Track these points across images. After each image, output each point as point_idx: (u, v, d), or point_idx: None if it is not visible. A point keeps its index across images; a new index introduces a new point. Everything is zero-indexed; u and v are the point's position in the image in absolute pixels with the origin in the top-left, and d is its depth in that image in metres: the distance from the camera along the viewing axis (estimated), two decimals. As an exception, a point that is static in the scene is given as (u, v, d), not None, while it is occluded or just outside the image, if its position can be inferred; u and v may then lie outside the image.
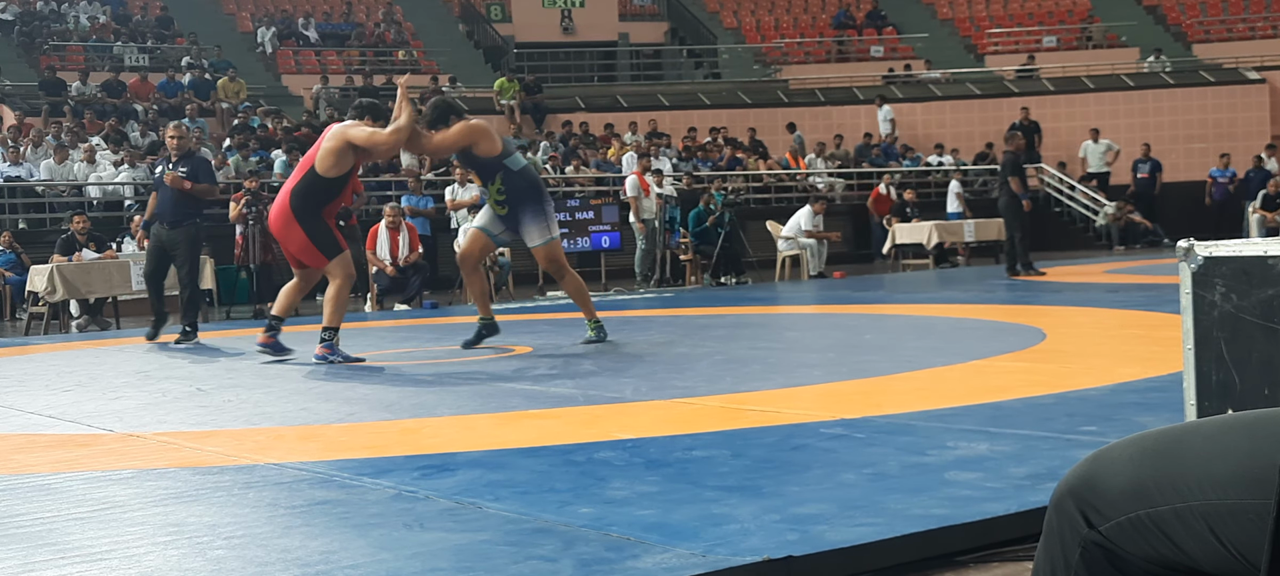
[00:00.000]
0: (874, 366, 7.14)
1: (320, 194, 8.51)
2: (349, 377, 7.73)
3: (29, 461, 5.12)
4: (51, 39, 26.78)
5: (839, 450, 4.55)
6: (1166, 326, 8.01)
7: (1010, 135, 16.18)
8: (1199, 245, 3.42)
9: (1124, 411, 5.17)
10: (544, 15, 31.19)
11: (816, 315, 12.00)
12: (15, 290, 15.47)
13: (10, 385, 8.12)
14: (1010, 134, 16.25)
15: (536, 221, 8.82)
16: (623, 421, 5.55)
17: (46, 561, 3.39)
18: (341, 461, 4.75)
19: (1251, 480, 1.35)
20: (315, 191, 8.50)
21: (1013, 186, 15.35)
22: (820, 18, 32.12)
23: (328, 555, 3.33)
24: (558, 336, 9.89)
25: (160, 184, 10.94)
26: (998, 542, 3.40)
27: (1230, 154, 25.25)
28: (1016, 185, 15.32)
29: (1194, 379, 3.40)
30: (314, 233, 8.53)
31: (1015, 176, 15.39)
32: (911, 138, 27.06)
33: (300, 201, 8.51)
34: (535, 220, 8.82)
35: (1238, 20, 30.07)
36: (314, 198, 8.51)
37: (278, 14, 29.64)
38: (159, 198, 11.03)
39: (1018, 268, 15.42)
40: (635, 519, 3.57)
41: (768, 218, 20.77)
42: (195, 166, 10.96)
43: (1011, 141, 16.20)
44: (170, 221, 10.87)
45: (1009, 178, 15.48)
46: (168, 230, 10.91)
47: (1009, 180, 15.46)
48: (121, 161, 19.65)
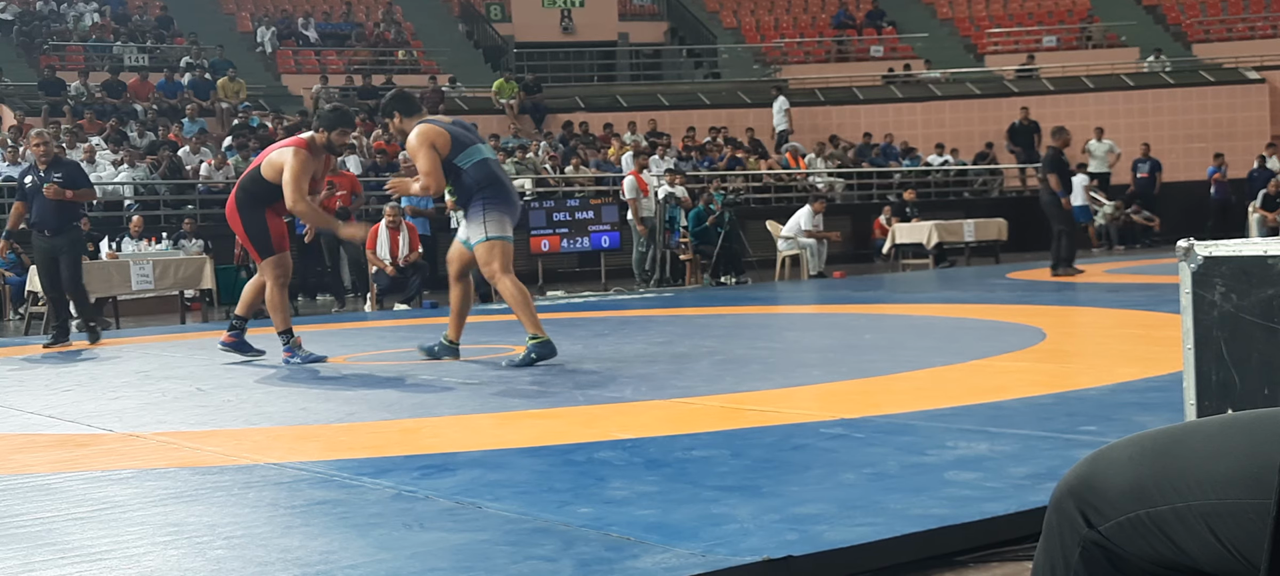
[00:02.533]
0: (874, 366, 7.14)
1: (262, 192, 8.56)
2: (349, 378, 7.73)
3: (29, 461, 5.12)
4: (51, 39, 26.77)
5: (839, 450, 4.55)
6: (1166, 326, 8.01)
7: (1057, 132, 15.97)
8: (1199, 245, 3.42)
9: (1124, 411, 5.17)
10: (544, 15, 31.19)
11: (816, 315, 11.99)
12: (15, 290, 15.47)
13: (10, 385, 8.12)
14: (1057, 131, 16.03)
15: (473, 218, 8.04)
16: (622, 421, 5.55)
17: (46, 561, 3.39)
18: (341, 461, 4.75)
19: (1251, 480, 1.35)
20: (258, 188, 8.57)
21: (1052, 183, 15.16)
22: (820, 17, 32.12)
23: (328, 555, 3.33)
24: (557, 336, 9.87)
25: (31, 194, 10.98)
26: (997, 542, 3.40)
27: (1229, 154, 25.23)
28: (1055, 182, 15.14)
29: (1194, 379, 3.40)
30: (250, 227, 8.61)
31: (1053, 173, 15.23)
32: (912, 138, 27.06)
33: (244, 195, 8.61)
34: (472, 217, 8.04)
35: (1238, 20, 30.07)
36: (256, 194, 8.57)
37: (277, 14, 29.64)
38: (35, 207, 11.00)
39: (1059, 268, 15.12)
40: (635, 519, 3.57)
41: (767, 217, 20.77)
42: (68, 172, 11.08)
43: (1058, 137, 15.81)
44: (53, 229, 10.98)
45: (1048, 175, 15.26)
46: (50, 237, 11.04)
47: (1048, 177, 15.27)
48: (121, 161, 19.65)
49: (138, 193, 19.23)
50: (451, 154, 8.04)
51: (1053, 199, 15.25)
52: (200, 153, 20.37)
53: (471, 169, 8.03)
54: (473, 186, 8.01)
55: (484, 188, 8.02)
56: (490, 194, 8.03)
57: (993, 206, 23.48)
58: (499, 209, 8.05)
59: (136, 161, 19.68)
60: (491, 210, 8.02)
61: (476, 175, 8.04)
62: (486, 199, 8.01)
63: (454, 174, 8.03)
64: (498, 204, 8.05)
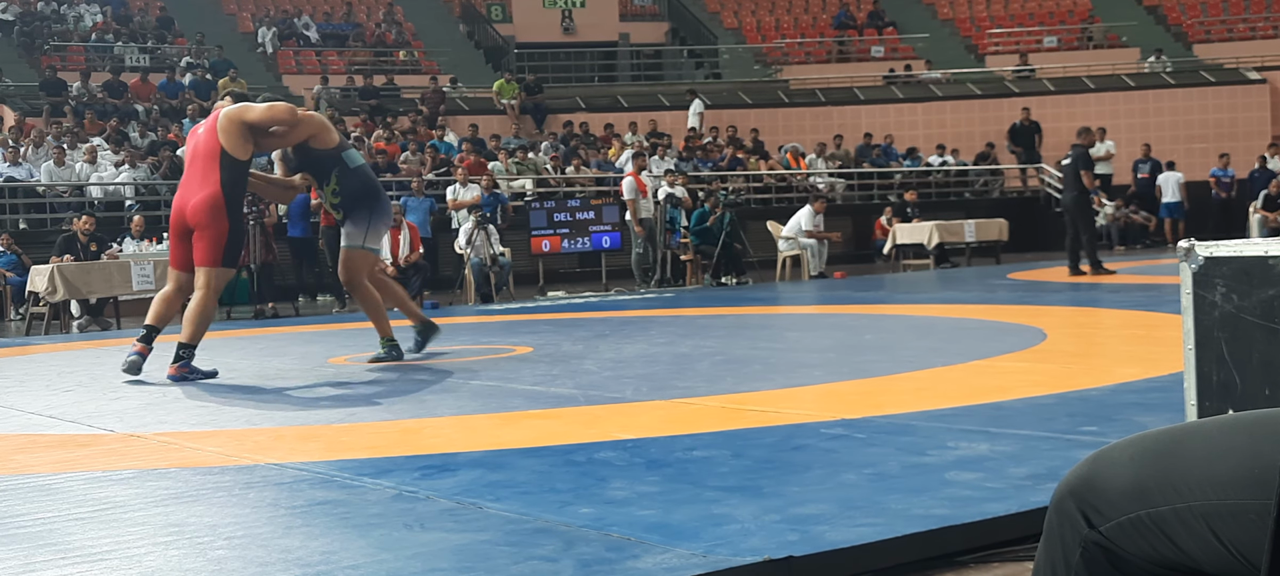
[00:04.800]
0: (874, 366, 7.14)
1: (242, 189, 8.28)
2: (349, 378, 7.73)
3: (30, 461, 5.12)
4: (52, 39, 26.78)
5: (839, 450, 4.55)
6: (1167, 326, 8.01)
7: (1082, 131, 15.90)
8: (1200, 245, 3.42)
9: (1124, 411, 5.17)
10: (544, 15, 31.19)
11: (817, 315, 11.99)
12: (16, 291, 15.48)
13: (11, 385, 8.12)
14: (1082, 130, 15.97)
15: (359, 224, 8.24)
16: (623, 421, 5.55)
17: (47, 561, 3.39)
18: (342, 461, 4.75)
19: (1252, 481, 1.35)
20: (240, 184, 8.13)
21: (1085, 181, 15.06)
22: (821, 18, 32.12)
23: (328, 555, 3.33)
24: (558, 336, 9.89)
25: None
26: (998, 543, 3.40)
27: (1230, 154, 25.23)
28: (1088, 180, 15.03)
29: (1195, 379, 3.40)
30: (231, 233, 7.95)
31: (1087, 170, 15.14)
32: (913, 138, 27.06)
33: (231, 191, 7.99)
34: (358, 223, 8.24)
35: (1238, 20, 30.06)
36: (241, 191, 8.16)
37: (278, 14, 29.65)
38: None
39: (1082, 267, 14.95)
40: (636, 519, 3.57)
41: (768, 218, 20.76)
42: None
43: (1084, 137, 15.72)
44: None
45: (1080, 172, 15.08)
46: None
47: (1080, 174, 15.07)
48: (123, 162, 19.66)
49: (138, 193, 19.23)
50: (337, 148, 8.26)
51: (1081, 198, 15.12)
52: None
53: (356, 171, 8.25)
54: (361, 189, 8.25)
55: (374, 193, 8.37)
56: (378, 201, 8.36)
57: (993, 207, 23.48)
58: (381, 220, 8.39)
59: (138, 162, 19.68)
60: (378, 221, 8.35)
61: (363, 178, 8.30)
62: (375, 206, 8.31)
63: (340, 171, 8.19)
64: (381, 214, 8.38)
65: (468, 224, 16.11)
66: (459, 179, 18.43)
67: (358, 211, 8.23)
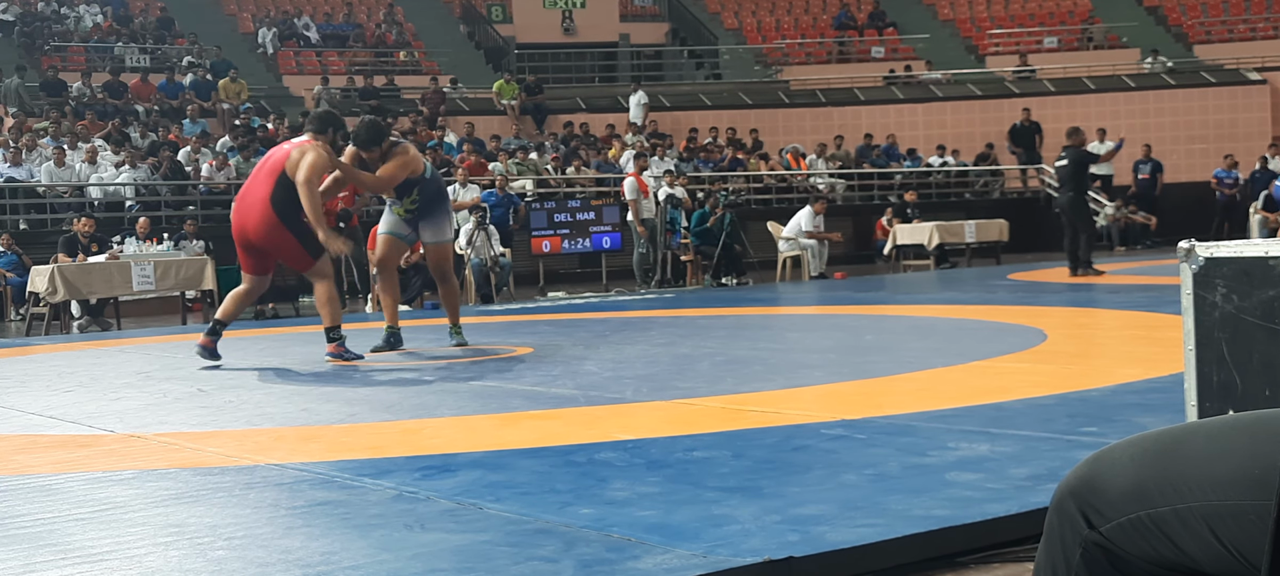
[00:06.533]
0: (875, 367, 7.14)
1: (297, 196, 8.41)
2: (349, 378, 7.73)
3: (30, 462, 5.12)
4: (52, 40, 26.78)
5: (840, 451, 4.55)
6: (1167, 327, 8.01)
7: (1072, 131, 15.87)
8: (1200, 246, 3.42)
9: (1125, 412, 5.17)
10: (545, 16, 31.18)
11: (817, 316, 11.99)
12: (16, 291, 15.48)
13: (11, 386, 8.12)
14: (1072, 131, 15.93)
15: (439, 221, 9.09)
16: (623, 422, 5.55)
17: (48, 562, 3.39)
18: (342, 462, 4.75)
19: (1252, 481, 1.35)
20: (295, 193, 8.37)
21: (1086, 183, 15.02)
22: (821, 18, 32.12)
23: (329, 556, 3.33)
24: (558, 336, 9.89)
25: None
26: (999, 543, 3.40)
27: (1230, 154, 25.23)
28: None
29: (1195, 380, 3.40)
30: (303, 235, 8.46)
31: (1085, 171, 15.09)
32: (913, 139, 27.06)
33: (283, 206, 8.40)
34: (438, 221, 9.08)
35: (1238, 21, 30.06)
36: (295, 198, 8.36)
37: (278, 15, 29.64)
38: None
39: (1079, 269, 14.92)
40: (636, 519, 3.58)
41: (768, 218, 20.76)
42: None
43: (1074, 138, 15.57)
44: None
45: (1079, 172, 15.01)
46: None
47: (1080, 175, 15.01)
48: (123, 162, 19.66)
49: (139, 193, 19.23)
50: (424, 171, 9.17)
51: (1079, 199, 15.09)
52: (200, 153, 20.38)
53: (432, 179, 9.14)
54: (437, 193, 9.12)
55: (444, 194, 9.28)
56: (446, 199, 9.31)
57: (994, 207, 23.47)
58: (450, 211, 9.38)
59: (138, 162, 19.68)
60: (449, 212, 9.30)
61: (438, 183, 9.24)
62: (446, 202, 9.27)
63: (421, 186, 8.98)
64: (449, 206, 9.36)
65: (468, 224, 16.11)
66: (459, 179, 18.43)
67: (434, 212, 9.04)
